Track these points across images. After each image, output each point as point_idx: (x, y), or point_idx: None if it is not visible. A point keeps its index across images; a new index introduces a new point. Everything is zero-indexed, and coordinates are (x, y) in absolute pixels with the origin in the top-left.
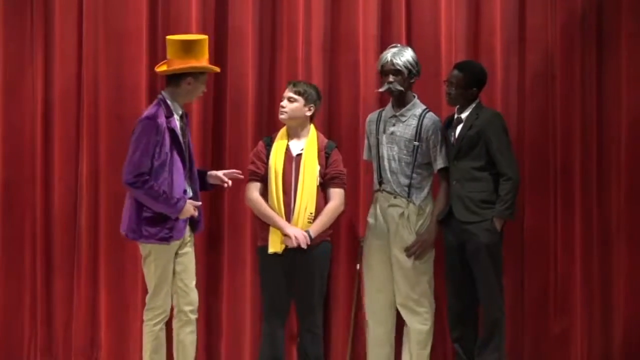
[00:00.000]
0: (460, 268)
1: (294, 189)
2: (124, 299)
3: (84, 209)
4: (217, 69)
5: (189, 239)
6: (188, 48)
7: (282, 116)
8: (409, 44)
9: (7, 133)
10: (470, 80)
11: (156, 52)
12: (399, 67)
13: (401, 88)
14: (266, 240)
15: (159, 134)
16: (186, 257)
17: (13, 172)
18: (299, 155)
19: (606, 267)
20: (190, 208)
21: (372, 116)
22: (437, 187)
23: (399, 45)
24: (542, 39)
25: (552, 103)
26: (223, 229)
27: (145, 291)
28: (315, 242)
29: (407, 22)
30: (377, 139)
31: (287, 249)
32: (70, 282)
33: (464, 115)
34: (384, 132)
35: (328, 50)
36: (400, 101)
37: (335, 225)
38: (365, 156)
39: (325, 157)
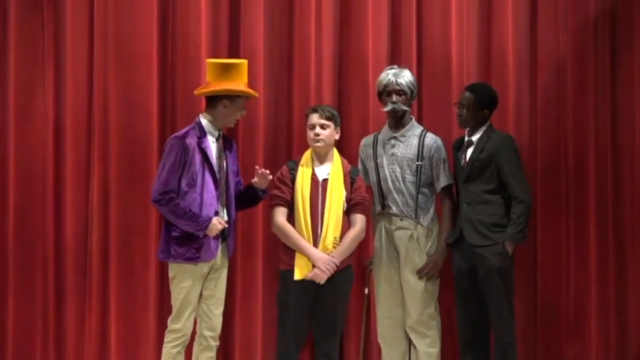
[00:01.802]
0: (471, 292)
1: (321, 215)
2: (135, 324)
3: (95, 233)
4: (255, 94)
5: (221, 264)
6: (225, 71)
7: (318, 144)
8: (419, 65)
9: (18, 157)
10: (482, 102)
11: (166, 75)
12: (403, 88)
13: (406, 108)
14: (290, 264)
15: (187, 154)
16: (214, 282)
17: (25, 195)
18: (325, 180)
19: (622, 288)
20: (217, 224)
21: (367, 140)
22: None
23: (396, 66)
24: (554, 58)
25: (564, 123)
26: (236, 255)
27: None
28: (341, 267)
29: (418, 43)
30: (376, 162)
31: None
32: (81, 306)
33: (474, 138)
34: (384, 154)
35: (338, 71)
36: (400, 122)
37: None
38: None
39: (350, 182)
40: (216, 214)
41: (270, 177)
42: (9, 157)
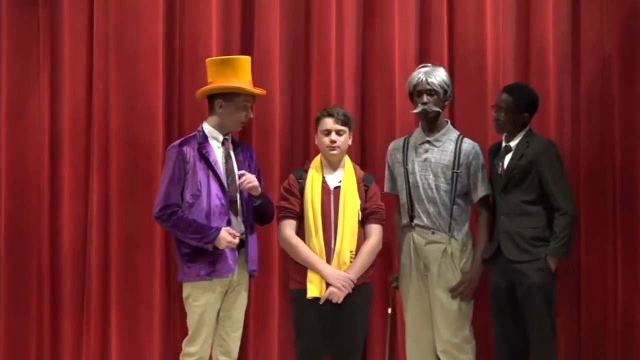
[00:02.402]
0: (509, 312)
1: (334, 226)
2: (138, 346)
3: (94, 246)
4: (257, 91)
5: (239, 281)
6: (221, 68)
7: (334, 152)
8: (451, 64)
9: (12, 163)
10: (521, 105)
11: (173, 74)
12: (434, 87)
13: (438, 109)
14: (302, 283)
15: (186, 162)
16: (231, 302)
17: (18, 205)
18: (337, 188)
19: None
20: (227, 236)
21: (397, 144)
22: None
23: (429, 64)
24: (599, 54)
25: (610, 125)
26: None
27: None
28: (357, 284)
29: (449, 41)
30: (406, 168)
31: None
32: (79, 326)
33: (513, 144)
34: (415, 159)
35: (361, 72)
36: (433, 125)
37: None
38: (387, 188)
39: (364, 190)
40: (229, 223)
41: (250, 184)
42: (1, 164)
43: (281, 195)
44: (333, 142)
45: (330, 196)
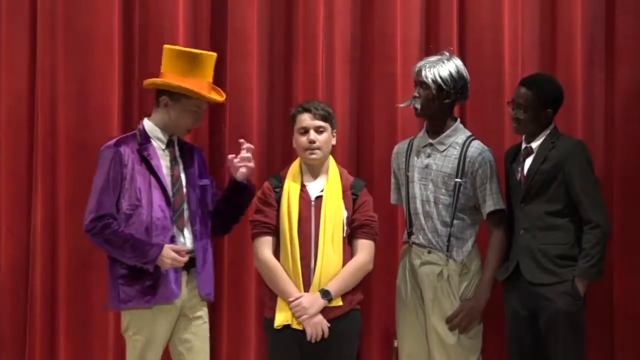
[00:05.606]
0: (529, 344)
1: (315, 244)
2: None
3: (39, 270)
4: (215, 98)
5: (193, 306)
6: (178, 60)
7: (313, 155)
8: (462, 52)
9: None
10: (544, 100)
11: (132, 63)
12: (425, 80)
13: (418, 107)
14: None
15: (124, 165)
16: (190, 331)
17: None
18: (319, 198)
19: None
20: (171, 253)
21: (401, 147)
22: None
23: (447, 53)
24: (637, 44)
25: None
26: (222, 296)
27: None
28: (343, 312)
29: (460, 24)
30: (407, 176)
31: None
32: None
33: (535, 145)
34: (416, 165)
35: (357, 61)
36: (436, 125)
37: (366, 287)
38: (393, 199)
39: (352, 199)
40: (172, 240)
41: (251, 163)
42: None
43: (256, 207)
44: (312, 142)
45: (311, 208)
